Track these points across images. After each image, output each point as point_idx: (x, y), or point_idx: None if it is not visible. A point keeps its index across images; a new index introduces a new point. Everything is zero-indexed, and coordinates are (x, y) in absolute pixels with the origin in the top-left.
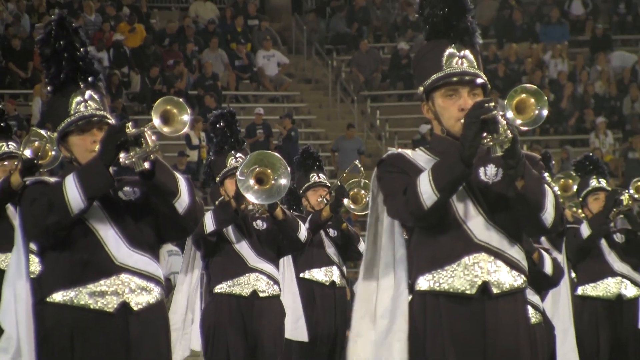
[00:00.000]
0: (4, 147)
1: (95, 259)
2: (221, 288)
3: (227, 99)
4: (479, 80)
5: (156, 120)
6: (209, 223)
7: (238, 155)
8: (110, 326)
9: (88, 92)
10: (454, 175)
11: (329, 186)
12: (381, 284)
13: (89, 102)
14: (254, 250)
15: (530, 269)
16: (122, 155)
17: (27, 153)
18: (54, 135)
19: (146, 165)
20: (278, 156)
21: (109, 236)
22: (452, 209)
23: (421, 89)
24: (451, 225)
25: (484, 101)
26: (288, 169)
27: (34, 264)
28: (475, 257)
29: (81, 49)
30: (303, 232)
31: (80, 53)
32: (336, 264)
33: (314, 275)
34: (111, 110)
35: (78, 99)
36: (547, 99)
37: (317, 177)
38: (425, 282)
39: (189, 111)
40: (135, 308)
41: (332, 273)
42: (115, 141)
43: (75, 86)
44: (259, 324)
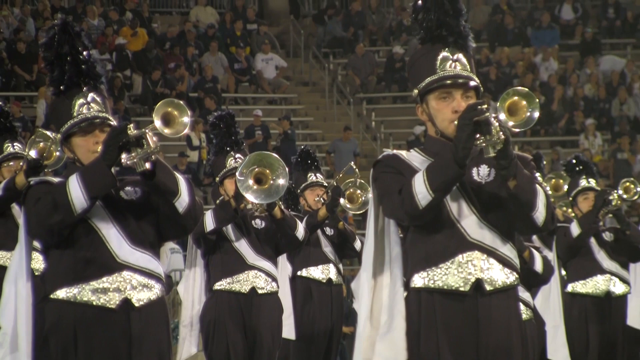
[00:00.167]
0: (10, 147)
1: (97, 256)
2: (221, 285)
3: (226, 101)
4: (472, 83)
5: (157, 121)
6: (209, 222)
7: (237, 155)
8: (113, 322)
9: (90, 95)
10: (448, 176)
11: (326, 186)
12: (378, 282)
13: (92, 104)
14: (252, 248)
15: (521, 267)
16: (124, 155)
17: (32, 154)
18: (58, 137)
19: (147, 166)
20: (276, 157)
21: (111, 234)
22: (446, 209)
23: (416, 91)
24: (445, 224)
25: (477, 103)
26: (286, 169)
27: (38, 262)
28: (468, 255)
29: (83, 53)
30: (301, 231)
31: (82, 56)
32: (332, 262)
33: (311, 273)
34: (114, 112)
35: (81, 101)
36: (538, 101)
37: (314, 177)
38: (420, 280)
39: (189, 113)
40: (136, 304)
41: (329, 271)
42: (118, 142)
43: (78, 89)
44: (257, 319)
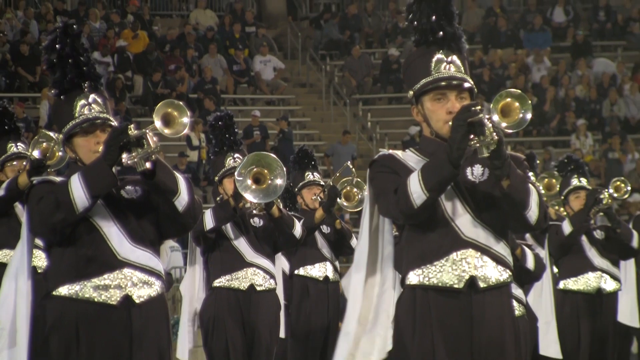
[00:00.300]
0: (13, 148)
1: (99, 254)
2: (220, 282)
3: (225, 102)
4: (466, 85)
5: (157, 122)
6: (208, 220)
7: (236, 155)
8: (114, 318)
9: (92, 96)
10: (443, 176)
11: (323, 185)
12: (369, 280)
13: (93, 105)
14: (251, 246)
15: (513, 264)
16: (125, 155)
17: (35, 154)
18: (60, 137)
19: (148, 165)
20: (274, 157)
21: (112, 233)
22: (440, 208)
23: (411, 93)
24: (440, 223)
25: (471, 105)
26: (284, 169)
27: (40, 260)
28: (463, 253)
29: (84, 55)
30: (298, 229)
31: (83, 58)
32: (329, 260)
33: (308, 271)
34: (115, 112)
35: (82, 102)
36: (530, 102)
37: (312, 176)
38: (415, 277)
39: (189, 113)
40: (137, 301)
41: (326, 268)
42: (119, 142)
43: (79, 90)
44: (256, 316)
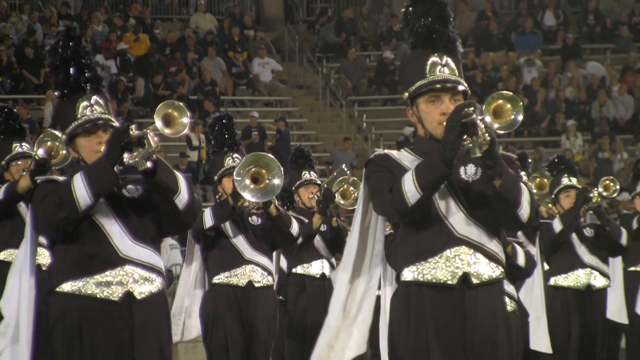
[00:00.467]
0: (18, 147)
1: (101, 251)
2: (219, 279)
3: (224, 103)
4: (460, 87)
5: (158, 122)
6: (208, 219)
7: (235, 155)
8: (116, 314)
9: (94, 97)
10: (436, 175)
11: (320, 184)
12: (356, 276)
13: (95, 106)
14: (249, 244)
15: (505, 261)
16: (126, 155)
17: (40, 152)
18: (63, 137)
19: (148, 165)
20: (272, 157)
21: (113, 230)
22: (434, 206)
23: (406, 94)
24: (434, 221)
25: (464, 106)
26: (282, 169)
27: (45, 257)
28: (456, 250)
29: (86, 58)
30: (295, 228)
31: (85, 61)
32: (326, 257)
33: (306, 269)
34: (117, 114)
35: (84, 103)
36: (522, 104)
37: (308, 175)
38: (409, 273)
39: (189, 114)
40: (138, 297)
41: (322, 266)
42: (120, 142)
43: (82, 92)
44: (254, 311)
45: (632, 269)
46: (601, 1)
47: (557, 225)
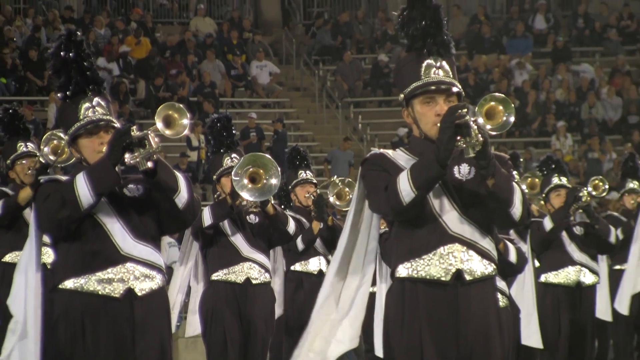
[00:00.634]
0: (23, 147)
1: (103, 249)
2: (218, 276)
3: (223, 105)
4: (454, 89)
5: (159, 124)
6: (206, 217)
7: (233, 155)
8: (117, 310)
9: (96, 99)
10: (431, 175)
11: (316, 183)
12: (350, 272)
13: (97, 108)
14: (247, 242)
15: (497, 258)
16: (128, 155)
17: (46, 150)
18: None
19: (149, 165)
20: (270, 158)
21: (115, 229)
22: (429, 204)
23: (402, 96)
24: (428, 219)
25: (457, 107)
26: (279, 169)
27: (50, 257)
28: (449, 248)
29: (87, 60)
30: (292, 226)
31: (87, 64)
32: (322, 255)
33: (304, 266)
34: (119, 115)
35: (86, 105)
36: (514, 106)
37: (304, 174)
38: (404, 270)
39: (189, 116)
40: (139, 293)
41: (320, 263)
42: (122, 143)
43: (84, 94)
44: (252, 308)
45: (617, 267)
46: (590, 5)
47: (548, 224)
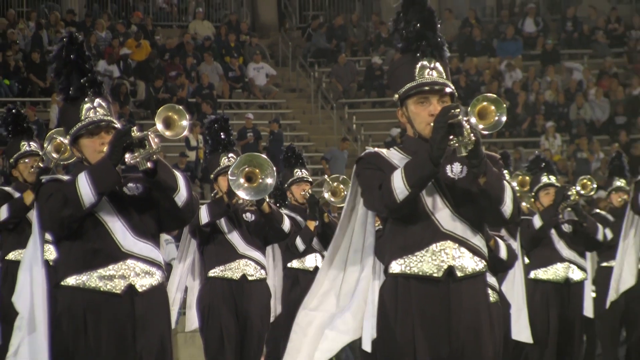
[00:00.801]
0: (26, 146)
1: (104, 247)
2: (214, 272)
3: (221, 106)
4: (448, 90)
5: (159, 124)
6: (204, 215)
7: (230, 155)
8: (118, 306)
9: (97, 100)
10: (424, 173)
11: (311, 181)
12: (348, 267)
13: (98, 108)
14: (243, 239)
15: (488, 254)
16: (128, 155)
17: (49, 148)
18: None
19: (149, 165)
20: (266, 158)
21: (116, 227)
22: (422, 202)
23: (396, 96)
24: (421, 216)
25: (450, 107)
26: (274, 169)
27: (52, 254)
28: (442, 245)
29: (88, 62)
30: (287, 224)
31: (87, 66)
32: (318, 251)
33: (300, 264)
34: (119, 116)
35: (87, 106)
36: (505, 106)
37: (300, 173)
38: (397, 266)
39: (188, 117)
40: (140, 290)
41: (316, 259)
42: (122, 143)
43: (85, 95)
44: (248, 304)
45: (605, 264)
46: (579, 9)
47: (537, 222)
